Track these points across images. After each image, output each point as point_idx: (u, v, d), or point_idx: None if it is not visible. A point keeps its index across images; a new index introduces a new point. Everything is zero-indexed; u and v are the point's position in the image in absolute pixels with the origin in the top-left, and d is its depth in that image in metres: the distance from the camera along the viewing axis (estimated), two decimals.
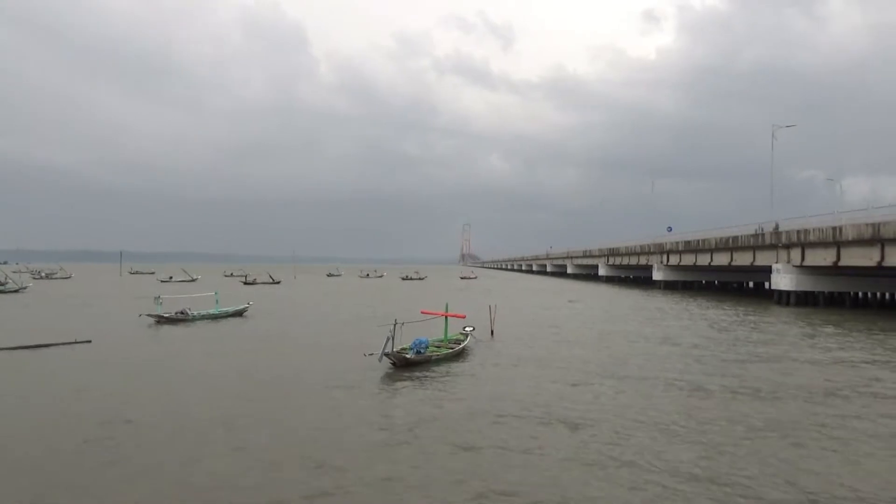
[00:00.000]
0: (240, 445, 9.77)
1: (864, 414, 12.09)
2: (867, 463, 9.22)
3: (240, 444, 9.81)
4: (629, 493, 7.97)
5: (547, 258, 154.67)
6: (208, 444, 9.92)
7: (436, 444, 9.89)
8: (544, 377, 15.56)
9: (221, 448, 9.67)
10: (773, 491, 8.00)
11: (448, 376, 15.60)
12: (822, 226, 41.59)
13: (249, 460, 9.09)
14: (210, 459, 9.14)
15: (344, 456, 9.29)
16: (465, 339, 20.20)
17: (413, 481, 8.32)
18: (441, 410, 12.14)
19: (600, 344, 22.10)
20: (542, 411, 12.03)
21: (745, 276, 71.95)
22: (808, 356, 19.55)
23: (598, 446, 9.86)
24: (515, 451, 9.58)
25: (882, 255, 36.36)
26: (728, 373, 16.45)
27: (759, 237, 49.26)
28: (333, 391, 13.69)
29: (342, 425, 10.99)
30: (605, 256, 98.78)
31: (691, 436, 10.43)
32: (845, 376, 16.16)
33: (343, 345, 20.73)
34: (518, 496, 7.85)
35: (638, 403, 12.76)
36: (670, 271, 70.84)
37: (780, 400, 13.26)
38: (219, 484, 8.20)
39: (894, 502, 7.78)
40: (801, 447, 9.87)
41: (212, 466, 8.84)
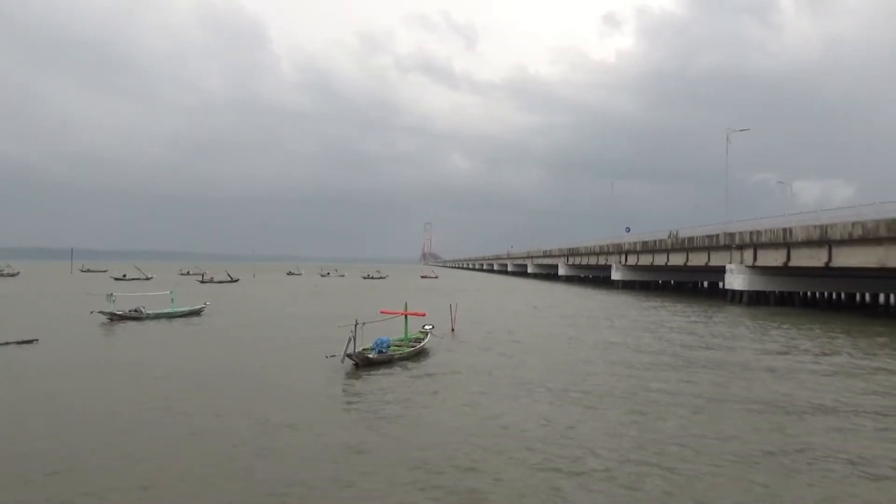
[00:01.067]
0: (171, 455, 9.34)
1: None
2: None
3: (171, 455, 9.39)
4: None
5: (508, 258, 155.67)
6: (143, 448, 9.51)
7: (394, 452, 9.75)
8: (502, 379, 15.60)
9: (153, 453, 9.26)
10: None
11: (409, 377, 15.56)
12: (774, 227, 42.85)
13: (173, 476, 8.43)
14: (141, 464, 8.72)
15: (301, 469, 8.99)
16: (425, 337, 20.21)
17: (367, 486, 8.24)
18: (402, 415, 12.01)
19: (557, 345, 22.31)
20: (497, 415, 12.07)
21: (701, 276, 73.60)
22: (756, 349, 20.13)
23: (552, 450, 9.93)
24: (475, 455, 9.59)
25: (829, 256, 37.61)
26: (681, 378, 16.80)
27: (714, 238, 50.46)
28: (292, 395, 13.42)
29: (300, 435, 10.52)
30: (564, 256, 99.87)
31: (634, 432, 10.61)
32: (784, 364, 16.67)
33: (303, 346, 20.49)
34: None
35: (583, 414, 12.90)
36: (628, 271, 72.04)
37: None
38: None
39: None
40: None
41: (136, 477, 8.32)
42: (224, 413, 11.61)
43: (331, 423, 11.08)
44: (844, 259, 36.65)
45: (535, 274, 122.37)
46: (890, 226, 32.26)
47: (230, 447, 9.59)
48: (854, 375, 16.41)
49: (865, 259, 34.90)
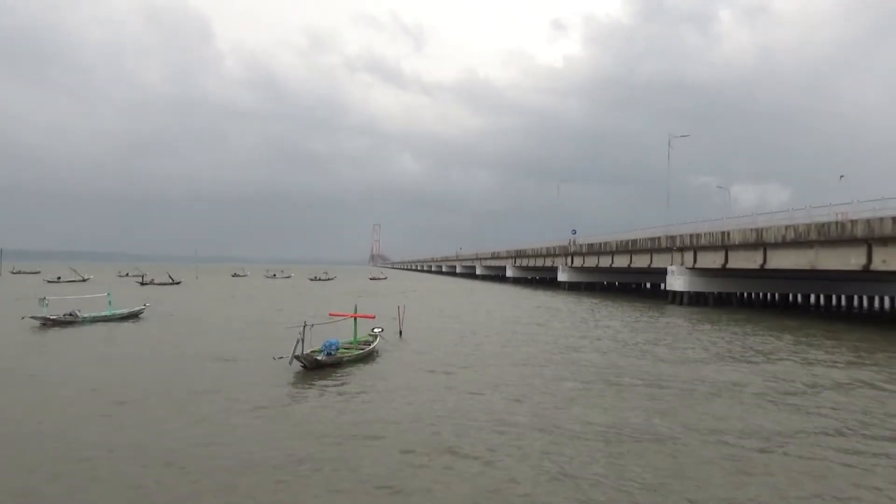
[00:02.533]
0: (106, 462, 9.07)
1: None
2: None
3: (107, 462, 9.11)
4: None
5: (457, 259, 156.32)
6: (71, 460, 9.10)
7: (338, 457, 9.68)
8: (447, 381, 15.65)
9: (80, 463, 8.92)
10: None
11: (357, 379, 15.42)
12: (713, 230, 44.35)
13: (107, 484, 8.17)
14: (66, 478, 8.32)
15: (244, 476, 8.81)
16: (374, 340, 20.12)
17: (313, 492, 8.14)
18: (347, 419, 11.90)
19: (503, 347, 22.51)
20: (439, 418, 12.11)
21: (644, 278, 75.49)
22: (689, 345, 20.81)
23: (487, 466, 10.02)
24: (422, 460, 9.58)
25: (764, 258, 39.16)
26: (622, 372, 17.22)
27: (656, 241, 51.85)
28: (237, 398, 13.08)
29: (245, 441, 10.32)
30: (512, 258, 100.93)
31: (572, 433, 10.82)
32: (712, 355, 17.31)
33: (248, 348, 20.06)
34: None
35: (523, 407, 13.10)
36: (574, 273, 73.31)
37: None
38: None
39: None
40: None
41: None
42: (154, 423, 11.21)
43: (274, 429, 10.87)
44: (778, 261, 38.21)
45: (484, 276, 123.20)
46: (820, 229, 33.82)
47: (158, 464, 9.26)
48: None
49: (798, 261, 36.47)
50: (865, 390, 15.04)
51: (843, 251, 33.06)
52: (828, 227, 33.33)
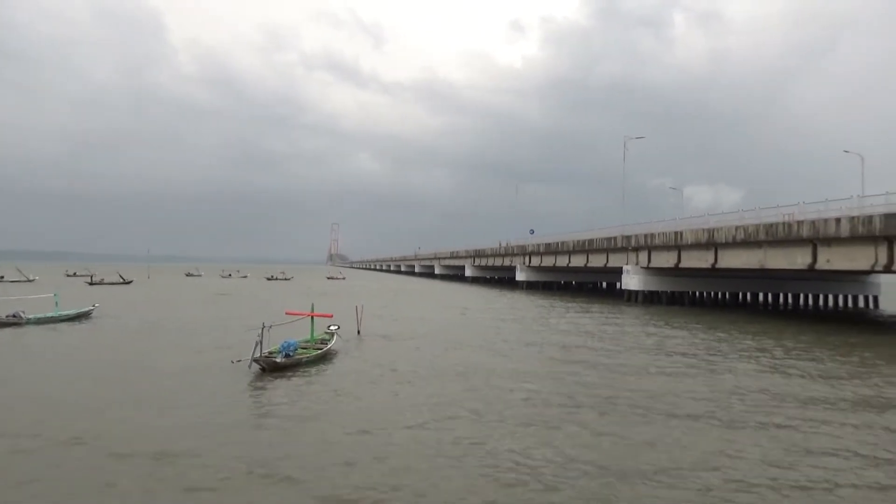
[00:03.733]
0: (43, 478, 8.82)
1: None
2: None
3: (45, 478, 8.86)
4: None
5: (415, 259, 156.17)
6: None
7: (299, 462, 9.57)
8: (404, 383, 15.63)
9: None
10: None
11: (316, 380, 15.25)
12: (666, 231, 45.32)
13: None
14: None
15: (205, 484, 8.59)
16: (330, 338, 19.97)
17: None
18: (306, 421, 11.75)
19: (459, 346, 22.58)
20: (399, 419, 12.07)
21: (600, 277, 76.70)
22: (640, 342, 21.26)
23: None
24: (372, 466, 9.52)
25: (715, 257, 40.21)
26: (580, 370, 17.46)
27: (612, 240, 52.74)
28: (192, 403, 12.79)
29: (200, 448, 10.09)
30: (471, 258, 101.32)
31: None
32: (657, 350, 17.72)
33: (202, 350, 19.63)
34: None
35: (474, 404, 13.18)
36: (532, 272, 74.02)
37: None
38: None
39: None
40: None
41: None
42: (103, 432, 10.89)
43: (232, 433, 10.65)
44: (729, 261, 39.30)
45: (443, 275, 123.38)
46: (768, 230, 34.89)
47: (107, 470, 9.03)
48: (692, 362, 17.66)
49: (747, 261, 37.56)
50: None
51: (790, 251, 34.18)
52: (776, 228, 34.41)
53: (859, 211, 29.82)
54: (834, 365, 18.93)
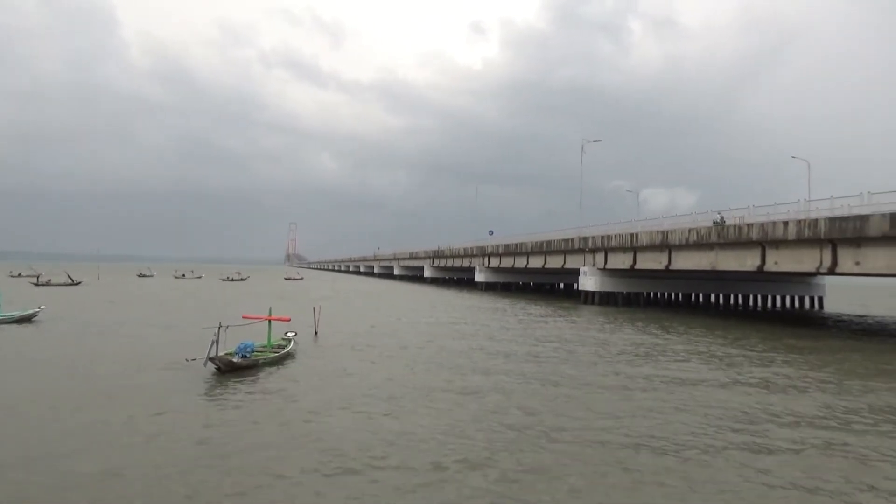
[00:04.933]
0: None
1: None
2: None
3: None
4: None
5: (374, 259, 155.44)
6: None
7: (255, 461, 9.41)
8: (361, 383, 15.52)
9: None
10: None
11: (273, 382, 15.01)
12: (622, 232, 46.11)
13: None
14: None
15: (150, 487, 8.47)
16: (288, 343, 19.66)
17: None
18: (263, 428, 11.56)
19: (414, 349, 22.56)
20: (355, 423, 11.98)
21: (558, 278, 77.57)
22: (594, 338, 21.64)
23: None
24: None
25: (669, 259, 41.08)
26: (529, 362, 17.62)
27: (569, 242, 53.39)
28: (144, 403, 12.45)
29: (149, 453, 9.96)
30: (430, 258, 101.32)
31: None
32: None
33: (153, 352, 19.13)
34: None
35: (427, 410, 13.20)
36: (491, 273, 74.42)
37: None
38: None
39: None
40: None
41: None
42: (38, 433, 10.55)
43: (182, 437, 10.41)
44: (682, 262, 40.19)
45: (402, 276, 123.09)
46: (720, 232, 35.81)
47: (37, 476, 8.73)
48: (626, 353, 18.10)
49: (700, 262, 38.47)
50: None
51: (740, 253, 35.15)
52: (727, 231, 35.34)
53: (806, 214, 30.85)
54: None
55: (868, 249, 27.52)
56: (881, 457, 9.88)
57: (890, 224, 25.61)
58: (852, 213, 27.87)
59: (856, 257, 28.13)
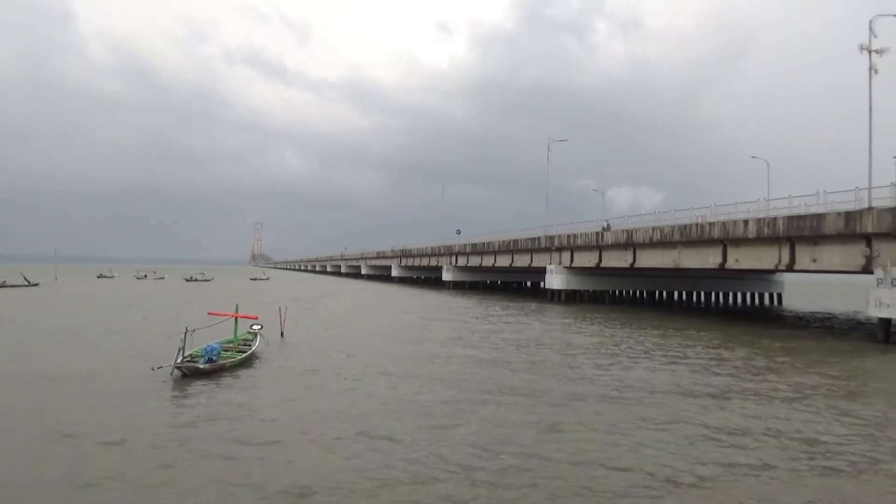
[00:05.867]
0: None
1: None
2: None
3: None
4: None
5: (342, 259, 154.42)
6: None
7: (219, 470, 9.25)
8: (327, 385, 15.38)
9: None
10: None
11: (238, 386, 14.76)
12: (588, 231, 46.64)
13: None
14: None
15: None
16: (253, 338, 19.45)
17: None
18: (228, 430, 11.37)
19: (380, 348, 22.49)
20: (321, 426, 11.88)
21: (525, 277, 78.10)
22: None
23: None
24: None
25: (634, 257, 41.69)
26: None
27: (536, 241, 53.79)
28: (107, 416, 12.17)
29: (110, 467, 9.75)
30: (398, 258, 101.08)
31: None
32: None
33: (115, 356, 18.68)
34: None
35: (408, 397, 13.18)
36: (458, 272, 74.56)
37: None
38: None
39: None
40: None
41: None
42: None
43: (146, 447, 10.18)
44: (646, 260, 40.82)
45: (369, 275, 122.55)
46: (683, 231, 36.47)
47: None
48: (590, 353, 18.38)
49: (663, 260, 39.12)
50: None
51: (702, 251, 35.84)
52: (689, 229, 36.00)
53: (765, 213, 31.59)
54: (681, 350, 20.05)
55: (824, 247, 28.29)
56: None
57: (845, 223, 26.37)
58: (809, 213, 28.62)
59: (813, 255, 28.90)
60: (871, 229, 25.19)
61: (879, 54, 26.79)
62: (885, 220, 24.64)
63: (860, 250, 26.15)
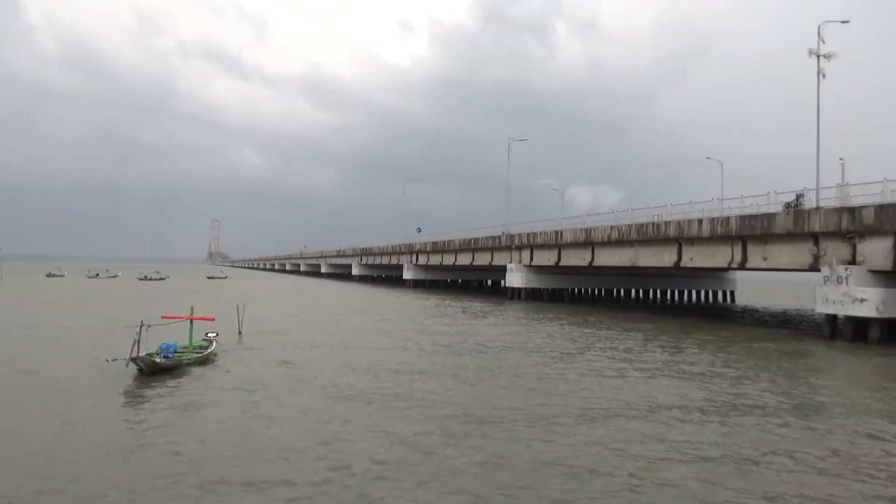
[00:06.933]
0: None
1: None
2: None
3: None
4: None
5: (301, 258, 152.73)
6: None
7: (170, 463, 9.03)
8: (283, 386, 15.18)
9: None
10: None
11: (197, 383, 14.43)
12: (547, 230, 47.07)
13: None
14: None
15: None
16: (209, 344, 18.93)
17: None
18: (181, 425, 11.11)
19: (337, 348, 22.32)
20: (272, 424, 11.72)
21: (485, 275, 78.42)
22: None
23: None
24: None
25: (592, 256, 42.21)
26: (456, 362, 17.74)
27: (496, 239, 54.07)
28: (59, 407, 11.74)
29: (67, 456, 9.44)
30: (358, 256, 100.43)
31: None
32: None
33: (72, 353, 18.11)
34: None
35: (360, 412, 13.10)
36: (420, 270, 74.46)
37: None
38: None
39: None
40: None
41: None
42: None
43: (106, 444, 9.87)
44: (605, 259, 41.38)
45: (329, 274, 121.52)
46: (640, 230, 37.08)
47: None
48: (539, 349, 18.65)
49: (621, 259, 39.72)
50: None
51: (658, 250, 36.50)
52: (646, 228, 36.62)
53: (719, 213, 32.32)
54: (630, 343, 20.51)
55: (774, 246, 29.10)
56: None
57: (794, 222, 27.16)
58: (760, 212, 29.40)
59: (763, 253, 29.70)
60: (819, 228, 25.99)
61: (827, 59, 27.66)
62: (832, 219, 25.46)
63: (808, 249, 26.96)
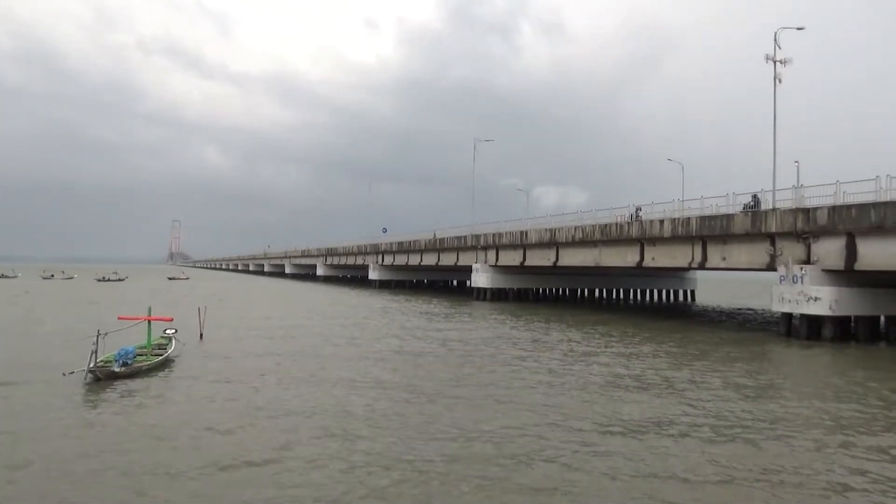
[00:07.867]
0: None
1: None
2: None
3: None
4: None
5: (265, 258, 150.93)
6: None
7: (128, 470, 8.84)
8: (245, 390, 14.98)
9: None
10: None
11: (155, 390, 14.12)
12: (513, 230, 47.37)
13: None
14: None
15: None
16: (168, 342, 18.63)
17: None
18: (143, 435, 10.89)
19: (301, 350, 22.15)
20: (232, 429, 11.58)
21: (451, 275, 78.54)
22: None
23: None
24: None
25: (557, 256, 42.64)
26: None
27: (462, 239, 54.20)
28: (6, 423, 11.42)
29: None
30: (323, 256, 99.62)
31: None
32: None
33: (26, 363, 17.55)
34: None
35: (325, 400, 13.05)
36: (385, 271, 74.20)
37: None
38: None
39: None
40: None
41: None
42: None
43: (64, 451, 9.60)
44: (569, 259, 41.82)
45: (294, 274, 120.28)
46: (603, 230, 37.57)
47: None
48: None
49: (585, 259, 40.18)
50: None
51: (621, 250, 37.03)
52: (609, 229, 37.13)
53: (680, 214, 32.95)
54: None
55: (733, 246, 29.79)
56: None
57: (751, 223, 27.85)
58: (720, 213, 30.06)
59: (723, 253, 30.38)
60: (775, 229, 26.70)
61: (783, 64, 28.45)
62: (788, 220, 26.18)
63: (765, 249, 27.67)
